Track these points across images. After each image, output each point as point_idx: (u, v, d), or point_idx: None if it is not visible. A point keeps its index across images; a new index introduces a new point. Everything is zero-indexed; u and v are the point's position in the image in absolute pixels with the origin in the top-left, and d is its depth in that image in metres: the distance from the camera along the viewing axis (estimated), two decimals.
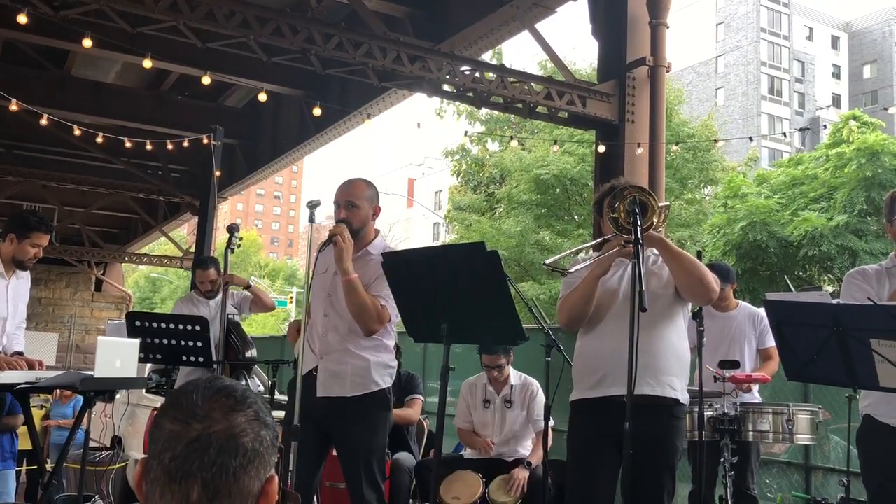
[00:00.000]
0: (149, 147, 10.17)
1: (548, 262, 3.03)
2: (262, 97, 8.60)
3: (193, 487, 1.04)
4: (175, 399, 1.11)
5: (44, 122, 8.95)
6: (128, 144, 10.03)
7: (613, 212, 2.81)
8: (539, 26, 8.18)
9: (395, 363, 3.54)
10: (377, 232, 3.54)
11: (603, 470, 2.95)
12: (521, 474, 4.41)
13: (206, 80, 7.87)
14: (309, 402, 3.22)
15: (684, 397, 3.05)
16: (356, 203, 3.40)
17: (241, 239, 5.21)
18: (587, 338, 3.09)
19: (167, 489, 1.04)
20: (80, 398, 3.93)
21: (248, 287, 5.36)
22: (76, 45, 7.38)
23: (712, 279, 2.96)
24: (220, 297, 5.16)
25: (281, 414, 4.80)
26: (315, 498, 3.56)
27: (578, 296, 2.98)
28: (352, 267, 3.24)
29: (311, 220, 3.24)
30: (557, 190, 22.69)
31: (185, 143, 9.80)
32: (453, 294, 2.75)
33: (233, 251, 5.20)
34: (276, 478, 1.12)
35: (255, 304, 5.49)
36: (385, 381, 3.41)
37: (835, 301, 2.80)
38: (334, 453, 3.70)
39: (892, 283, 2.90)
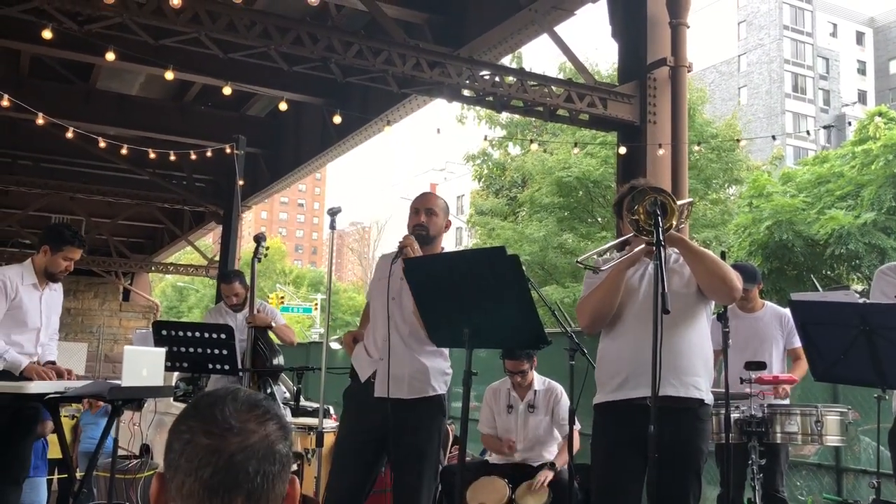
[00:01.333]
0: (172, 158, 10.28)
1: (580, 258, 3.03)
2: (283, 106, 8.67)
3: (237, 499, 1.06)
4: (205, 414, 1.11)
5: (69, 135, 9.09)
6: (152, 155, 10.16)
7: (633, 213, 2.79)
8: (559, 28, 8.17)
9: (450, 370, 3.57)
10: (442, 249, 3.60)
11: (627, 473, 2.92)
12: (544, 475, 4.39)
13: (227, 91, 7.95)
14: (365, 407, 3.24)
15: (709, 398, 3.01)
16: (435, 211, 3.47)
17: (267, 248, 5.27)
18: (608, 339, 3.08)
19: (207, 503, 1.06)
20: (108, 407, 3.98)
21: (270, 327, 5.38)
22: (100, 58, 7.48)
23: (735, 277, 2.93)
24: (246, 310, 5.22)
25: (307, 420, 4.83)
26: None
27: (604, 292, 2.96)
28: None
29: (333, 226, 3.26)
30: (580, 192, 22.61)
31: (209, 153, 9.89)
32: (475, 299, 2.75)
33: (259, 260, 5.27)
34: (297, 478, 1.16)
35: (277, 338, 5.53)
36: (441, 387, 3.46)
37: (862, 300, 2.76)
38: None
39: None
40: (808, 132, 25.74)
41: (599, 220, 22.89)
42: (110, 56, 6.88)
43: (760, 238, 18.38)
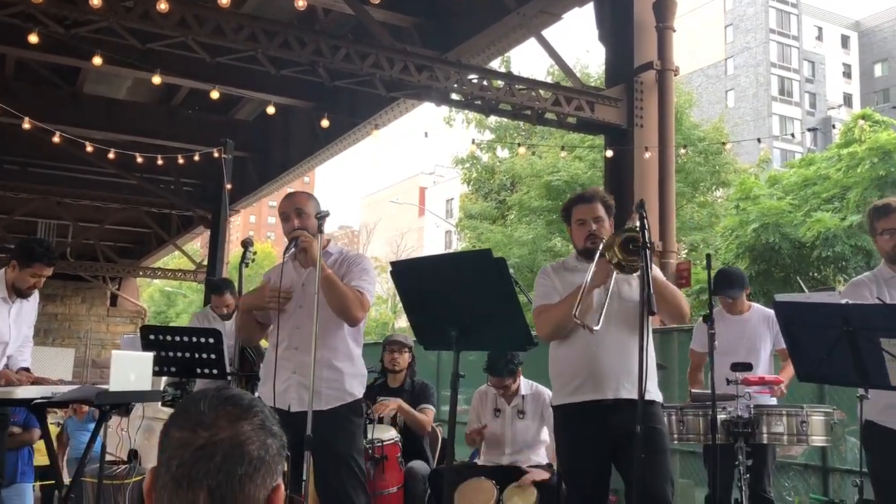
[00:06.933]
0: (160, 162, 10.25)
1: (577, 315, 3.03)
2: (271, 110, 8.68)
3: (200, 494, 1.05)
4: (183, 408, 1.13)
5: (56, 139, 9.05)
6: (139, 160, 10.13)
7: (611, 259, 2.89)
8: (548, 32, 8.22)
9: (366, 372, 3.56)
10: (328, 241, 3.55)
11: (588, 471, 3.09)
12: (537, 473, 4.41)
13: (214, 95, 7.95)
14: (283, 421, 3.20)
15: (659, 398, 3.22)
16: (306, 211, 3.42)
17: (255, 253, 5.23)
18: (562, 345, 3.20)
19: (175, 496, 1.06)
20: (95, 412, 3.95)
21: None
22: (87, 62, 7.47)
23: (685, 303, 3.19)
24: (234, 318, 5.20)
25: None
26: None
27: (568, 308, 3.00)
28: (323, 262, 3.25)
29: (320, 230, 3.26)
30: (569, 196, 22.63)
31: (196, 157, 9.88)
32: (462, 301, 2.76)
33: (247, 265, 5.22)
34: (283, 487, 1.13)
35: (266, 341, 5.51)
36: (358, 390, 3.42)
37: (845, 301, 2.79)
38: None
39: (885, 294, 2.93)
40: (792, 135, 25.97)
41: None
42: (97, 60, 6.88)
43: (747, 240, 18.48)
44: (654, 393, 3.15)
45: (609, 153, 7.60)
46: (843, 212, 18.34)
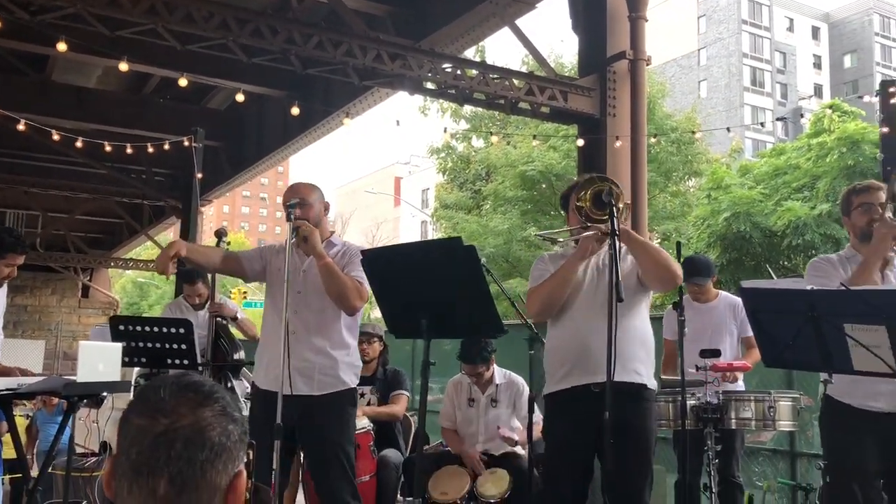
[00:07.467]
0: (129, 150, 10.12)
1: (540, 233, 3.09)
2: (240, 97, 8.58)
3: (160, 482, 1.05)
4: (143, 395, 1.11)
5: (21, 127, 8.89)
6: (108, 148, 9.99)
7: (578, 200, 2.87)
8: (522, 21, 8.21)
9: (360, 363, 3.58)
10: (332, 233, 3.61)
11: (576, 458, 3.04)
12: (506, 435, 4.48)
13: (182, 83, 7.84)
14: (274, 403, 3.24)
15: (651, 383, 3.14)
16: (308, 201, 3.44)
17: (228, 243, 5.20)
18: (554, 329, 3.19)
19: (135, 484, 1.05)
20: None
21: (235, 318, 5.34)
22: (54, 49, 7.33)
23: (677, 266, 3.06)
24: (207, 307, 5.17)
25: None
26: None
27: (554, 284, 3.04)
28: (324, 251, 3.27)
29: (290, 218, 3.25)
30: (543, 185, 22.74)
31: (166, 146, 9.76)
32: (432, 289, 2.77)
33: None
34: (245, 472, 1.12)
35: (239, 331, 5.49)
36: (352, 379, 3.44)
37: (810, 287, 2.83)
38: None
39: (849, 271, 2.98)
40: (761, 124, 26.22)
41: (562, 213, 23.00)
42: (62, 47, 6.74)
43: (719, 229, 18.68)
44: (645, 376, 3.10)
45: (580, 142, 7.62)
46: (813, 201, 18.59)
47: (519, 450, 4.60)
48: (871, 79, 50.46)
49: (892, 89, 6.48)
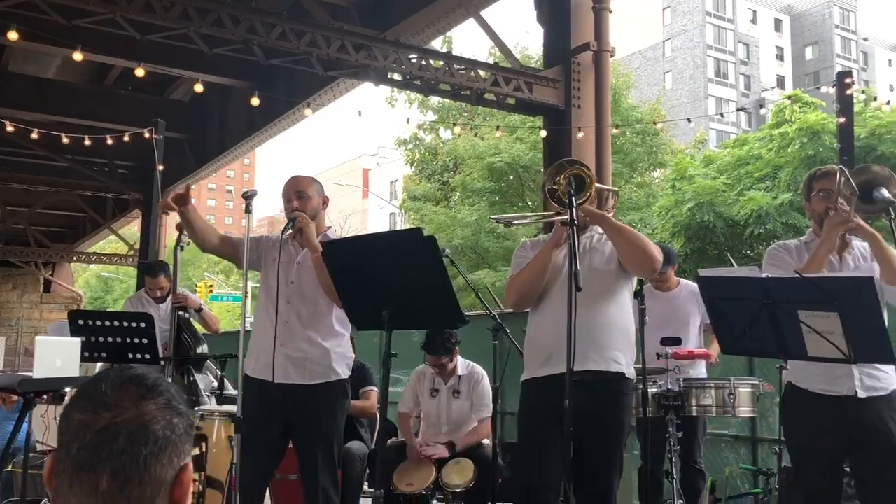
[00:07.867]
0: (87, 142, 9.94)
1: (496, 216, 3.08)
2: (199, 88, 8.49)
3: (102, 477, 1.03)
4: (84, 389, 1.09)
5: None
6: (65, 140, 9.81)
7: (553, 183, 2.87)
8: (488, 13, 8.22)
9: (352, 355, 3.56)
10: (328, 227, 3.60)
11: (550, 446, 2.98)
12: (433, 450, 4.49)
13: (140, 73, 7.74)
14: (265, 393, 3.23)
15: (630, 372, 3.09)
16: (307, 194, 3.44)
17: (188, 243, 5.14)
18: (534, 317, 3.15)
19: (76, 479, 1.03)
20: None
21: (199, 311, 5.28)
22: (5, 38, 7.17)
23: (655, 249, 3.03)
24: (169, 300, 5.11)
25: (231, 408, 4.77)
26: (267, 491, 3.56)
27: (531, 271, 3.03)
28: (318, 244, 3.26)
29: (248, 210, 3.22)
30: (511, 177, 22.81)
31: (126, 138, 9.62)
32: (393, 280, 2.76)
33: (182, 249, 5.13)
34: (191, 466, 1.11)
35: (202, 325, 5.44)
36: (344, 371, 3.45)
37: (765, 275, 2.87)
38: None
39: (805, 257, 3.01)
40: (721, 115, 26.62)
41: (530, 203, 23.12)
42: (13, 36, 6.60)
43: (683, 219, 18.90)
44: (624, 365, 3.04)
45: (543, 133, 7.67)
46: (775, 190, 18.88)
47: (485, 440, 4.63)
48: (831, 70, 51.25)
49: (847, 80, 6.60)
